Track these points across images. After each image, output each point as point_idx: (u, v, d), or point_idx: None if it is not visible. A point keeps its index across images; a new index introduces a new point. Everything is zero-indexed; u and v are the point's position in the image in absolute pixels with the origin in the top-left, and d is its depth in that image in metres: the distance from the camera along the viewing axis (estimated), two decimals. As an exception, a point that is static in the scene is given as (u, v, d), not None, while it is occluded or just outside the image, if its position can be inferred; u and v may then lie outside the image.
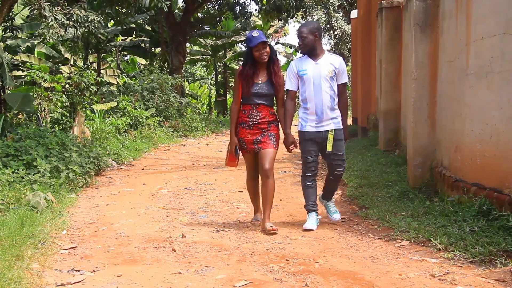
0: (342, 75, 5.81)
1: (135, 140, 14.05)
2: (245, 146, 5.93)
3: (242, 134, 5.90)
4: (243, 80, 5.81)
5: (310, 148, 5.81)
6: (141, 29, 24.47)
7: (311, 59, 5.78)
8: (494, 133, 5.53)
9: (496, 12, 5.56)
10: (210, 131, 19.47)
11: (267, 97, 5.86)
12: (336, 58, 5.86)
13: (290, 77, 5.85)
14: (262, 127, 5.86)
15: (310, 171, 5.87)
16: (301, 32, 5.72)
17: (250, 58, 5.81)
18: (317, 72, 5.72)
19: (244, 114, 5.89)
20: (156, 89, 17.60)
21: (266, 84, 5.83)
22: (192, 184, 8.99)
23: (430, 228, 5.43)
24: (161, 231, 5.96)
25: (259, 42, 5.66)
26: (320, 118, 5.72)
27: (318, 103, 5.71)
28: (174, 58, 21.36)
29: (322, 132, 5.75)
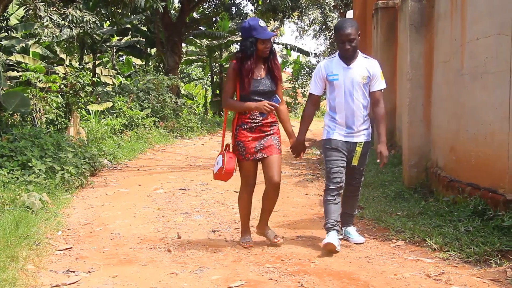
0: (377, 80, 5.07)
1: (131, 140, 14.02)
2: (243, 153, 5.07)
3: (243, 137, 5.08)
4: (241, 76, 5.02)
5: (336, 157, 5.00)
6: (137, 30, 24.44)
7: (342, 62, 5.03)
8: (489, 134, 5.55)
9: (490, 12, 5.57)
10: (206, 131, 19.46)
11: (268, 94, 5.10)
12: (371, 62, 5.11)
13: (317, 79, 5.13)
14: (265, 129, 5.10)
15: (334, 183, 5.00)
16: (349, 34, 4.91)
17: (253, 52, 4.99)
18: (349, 78, 4.97)
19: (245, 115, 5.07)
20: (151, 89, 17.57)
21: (266, 79, 5.10)
22: (188, 184, 8.98)
23: (425, 228, 5.45)
24: (157, 231, 5.96)
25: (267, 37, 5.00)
26: (350, 128, 5.01)
27: (349, 114, 4.99)
28: (169, 58, 21.34)
29: (350, 143, 5.04)
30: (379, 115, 5.09)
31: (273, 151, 5.07)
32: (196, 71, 38.42)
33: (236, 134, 5.11)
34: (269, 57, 5.10)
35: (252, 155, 5.06)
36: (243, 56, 5.01)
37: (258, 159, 5.10)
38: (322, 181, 9.13)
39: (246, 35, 4.99)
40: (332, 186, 5.00)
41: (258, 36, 4.94)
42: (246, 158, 5.07)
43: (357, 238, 5.33)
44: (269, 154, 5.06)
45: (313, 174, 9.91)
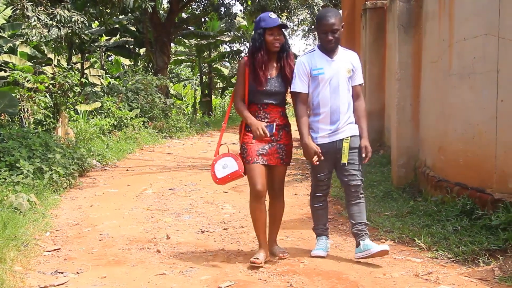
0: (358, 74, 4.79)
1: (120, 141, 13.98)
2: (245, 155, 4.69)
3: (247, 139, 4.71)
4: (254, 71, 4.64)
5: (321, 163, 4.69)
6: (125, 30, 24.35)
7: (325, 55, 4.68)
8: (477, 133, 5.58)
9: (478, 13, 5.61)
10: (195, 131, 19.42)
11: (278, 95, 4.71)
12: (353, 55, 4.83)
13: (301, 76, 4.70)
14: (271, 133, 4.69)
15: (320, 191, 4.88)
16: (333, 24, 4.56)
17: (262, 43, 4.63)
18: (335, 72, 4.64)
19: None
20: (140, 89, 17.52)
21: (277, 79, 4.70)
22: (177, 185, 8.96)
23: (414, 228, 5.47)
24: (146, 232, 5.94)
25: (277, 25, 4.59)
26: (336, 126, 4.66)
27: (334, 109, 4.64)
28: (158, 58, 21.30)
29: (336, 142, 4.68)
30: (360, 109, 4.80)
31: (276, 161, 4.69)
32: (185, 71, 38.37)
33: (240, 136, 4.81)
34: (282, 55, 4.73)
35: (253, 158, 4.63)
36: (254, 50, 4.67)
37: (261, 164, 4.64)
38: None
39: (256, 28, 4.68)
40: (319, 194, 4.89)
41: (264, 26, 4.59)
42: (247, 161, 4.66)
43: (380, 246, 4.66)
44: (270, 163, 4.68)
45: (302, 174, 9.92)
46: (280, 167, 4.75)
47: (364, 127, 4.77)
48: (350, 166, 4.70)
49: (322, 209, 4.94)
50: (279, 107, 4.74)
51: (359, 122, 4.78)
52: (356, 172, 4.73)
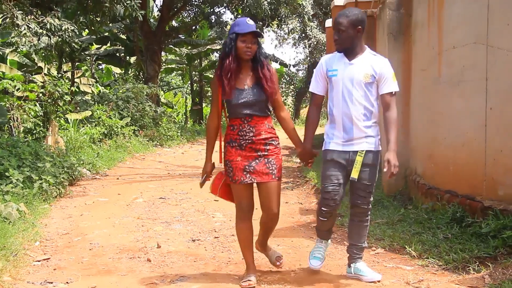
0: (386, 81, 4.28)
1: (110, 149, 13.94)
2: (230, 174, 4.32)
3: (231, 156, 4.33)
4: (223, 80, 4.23)
5: (331, 172, 4.28)
6: (116, 38, 24.35)
7: (345, 58, 4.30)
8: (466, 141, 5.60)
9: (467, 22, 5.64)
10: (186, 140, 19.42)
11: (258, 104, 4.27)
12: (379, 60, 4.33)
13: (317, 77, 4.41)
14: (258, 147, 4.27)
15: (327, 206, 4.33)
16: (339, 23, 4.22)
17: (232, 49, 4.21)
18: (349, 75, 4.24)
19: (233, 130, 4.32)
20: (131, 98, 17.50)
21: (253, 89, 4.27)
22: (168, 193, 8.94)
23: (404, 236, 5.48)
24: (136, 241, 5.92)
25: (250, 32, 4.17)
26: (349, 135, 4.25)
27: (346, 115, 4.25)
28: (149, 67, 21.29)
29: (349, 152, 4.27)
30: (389, 120, 4.30)
31: (265, 178, 4.26)
32: (176, 79, 38.39)
33: (224, 153, 4.40)
34: (256, 66, 4.29)
35: (239, 177, 4.26)
36: (223, 56, 4.28)
37: (247, 183, 4.28)
38: (302, 189, 9.16)
39: (229, 32, 4.28)
40: (325, 209, 4.35)
41: (238, 31, 4.17)
42: (233, 180, 4.30)
43: (371, 275, 4.42)
44: (260, 180, 4.27)
45: (293, 182, 9.92)
46: (271, 182, 4.29)
47: (392, 139, 4.26)
48: (361, 186, 4.31)
49: (328, 220, 4.48)
50: (264, 119, 4.31)
51: (386, 134, 4.30)
52: (366, 194, 4.36)
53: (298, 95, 35.46)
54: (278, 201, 4.36)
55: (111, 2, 10.43)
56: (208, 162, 4.46)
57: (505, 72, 5.09)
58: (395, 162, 4.18)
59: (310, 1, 23.87)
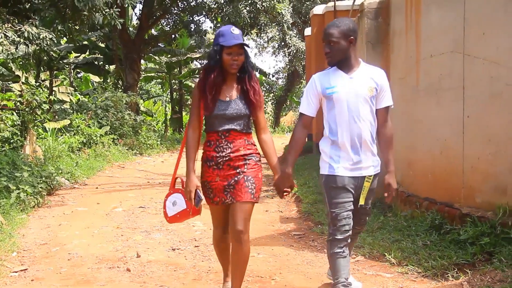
0: (385, 95, 3.96)
1: (89, 158, 13.84)
2: (211, 195, 3.96)
3: (209, 177, 3.95)
4: (206, 93, 3.86)
5: (344, 199, 3.87)
6: (95, 46, 24.22)
7: (342, 72, 3.91)
8: (444, 149, 5.66)
9: (444, 31, 5.71)
10: (166, 148, 19.35)
11: (240, 119, 3.90)
12: (377, 71, 3.99)
13: (309, 97, 3.97)
14: (237, 165, 3.89)
15: (343, 232, 3.87)
16: (330, 34, 3.87)
17: (219, 60, 3.85)
18: (353, 91, 3.84)
19: (209, 147, 3.94)
20: (110, 106, 17.42)
21: (237, 102, 3.91)
22: (147, 202, 8.89)
23: (384, 243, 5.51)
24: (116, 250, 5.87)
25: (237, 44, 3.83)
26: (358, 155, 3.87)
27: (354, 136, 3.85)
28: (128, 75, 21.21)
29: (358, 178, 3.91)
30: (386, 138, 4.01)
31: (244, 197, 3.86)
32: (156, 88, 38.26)
33: (202, 173, 4.00)
34: (243, 77, 3.94)
35: (221, 199, 3.93)
36: (207, 69, 3.92)
37: (227, 203, 3.93)
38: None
39: (214, 43, 3.94)
40: (340, 236, 3.87)
41: (223, 44, 3.81)
42: (214, 202, 3.96)
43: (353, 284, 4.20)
44: (239, 199, 3.86)
45: (273, 190, 9.92)
46: (247, 203, 3.87)
47: (390, 160, 4.01)
48: (364, 210, 4.07)
49: (344, 258, 3.89)
50: (243, 134, 3.92)
51: (384, 153, 4.03)
52: (366, 216, 4.18)
53: (278, 104, 35.55)
54: (248, 220, 3.91)
55: (90, 10, 10.38)
56: (192, 177, 3.90)
57: (481, 81, 5.15)
58: (395, 185, 4.01)
59: (289, 10, 23.97)
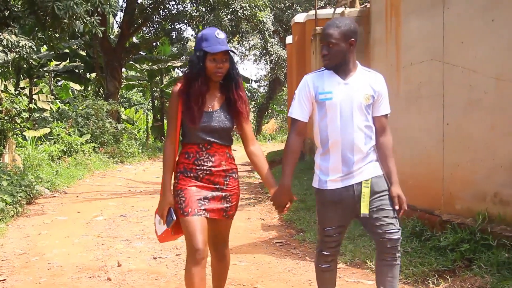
0: (383, 101, 3.63)
1: (69, 167, 13.74)
2: (182, 205, 3.53)
3: (184, 185, 3.57)
4: (190, 103, 3.50)
5: (332, 214, 3.57)
6: (75, 54, 24.11)
7: (337, 76, 3.57)
8: (424, 156, 5.70)
9: (423, 39, 5.78)
10: (147, 156, 19.28)
11: (223, 132, 3.58)
12: (376, 77, 3.67)
13: (302, 100, 3.63)
14: (216, 180, 3.57)
15: (328, 248, 3.66)
16: (329, 35, 3.52)
17: (200, 70, 3.51)
18: (348, 97, 3.52)
19: (188, 159, 3.57)
20: (91, 115, 17.32)
21: (220, 113, 3.58)
22: (129, 211, 8.84)
23: (365, 250, 5.52)
24: (96, 259, 5.83)
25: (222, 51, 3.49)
26: (349, 167, 3.52)
27: (346, 146, 3.51)
28: (109, 83, 21.11)
29: (353, 186, 3.52)
30: (386, 147, 3.65)
31: (219, 214, 3.60)
32: (137, 96, 38.14)
33: (176, 182, 3.62)
34: (229, 85, 3.61)
35: (193, 209, 3.48)
36: (190, 77, 3.54)
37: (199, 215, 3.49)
38: (264, 205, 9.16)
39: (196, 47, 3.57)
40: (326, 252, 3.66)
41: (206, 48, 3.47)
42: (185, 212, 3.49)
43: None
44: (213, 216, 3.56)
45: (255, 198, 9.92)
46: (223, 221, 3.65)
47: (393, 170, 3.64)
48: (382, 213, 3.52)
49: (330, 271, 3.72)
50: (225, 147, 3.61)
51: (385, 164, 3.65)
52: (392, 220, 3.53)
53: (259, 111, 35.61)
54: (227, 240, 3.80)
55: (70, 18, 10.32)
56: (168, 193, 3.59)
57: (460, 88, 5.21)
58: (404, 197, 3.58)
59: (270, 18, 24.07)
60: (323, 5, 22.72)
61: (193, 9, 22.03)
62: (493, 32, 4.96)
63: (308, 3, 24.10)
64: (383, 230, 3.48)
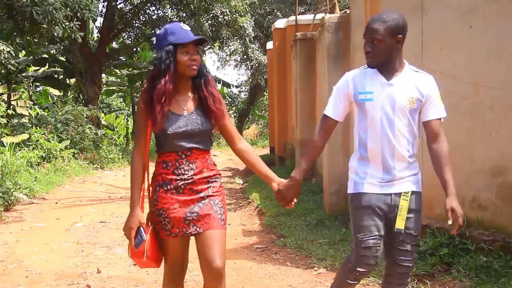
0: (433, 104, 3.27)
1: (48, 173, 13.61)
2: (167, 226, 3.13)
3: (165, 204, 3.14)
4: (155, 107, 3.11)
5: (369, 221, 3.21)
6: (54, 60, 23.91)
7: (381, 76, 3.28)
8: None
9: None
10: (127, 162, 19.14)
11: (201, 135, 3.22)
12: (424, 78, 3.31)
13: (339, 98, 3.41)
14: (199, 188, 3.19)
15: (365, 265, 3.23)
16: (374, 31, 3.21)
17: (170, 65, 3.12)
18: (390, 99, 3.22)
19: (166, 168, 3.18)
20: (70, 120, 17.19)
21: (196, 115, 3.22)
22: (108, 217, 8.78)
23: (346, 255, 5.53)
24: (75, 266, 5.78)
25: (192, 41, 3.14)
26: (390, 175, 3.24)
27: (386, 151, 3.23)
28: (89, 89, 20.97)
29: (391, 195, 3.23)
30: (441, 154, 3.30)
31: (213, 224, 3.16)
32: (117, 101, 37.94)
33: (155, 199, 3.19)
34: (198, 82, 3.25)
35: (181, 229, 3.13)
36: (155, 74, 3.16)
37: (191, 234, 3.17)
38: (244, 210, 9.15)
39: (160, 44, 3.18)
40: (362, 269, 3.24)
41: (176, 41, 3.12)
42: (172, 233, 3.13)
43: None
44: (206, 228, 3.15)
45: (236, 203, 9.91)
46: (219, 230, 3.19)
47: (449, 180, 3.23)
48: (407, 237, 3.23)
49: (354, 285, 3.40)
50: (205, 152, 3.25)
51: (441, 173, 3.27)
52: (412, 248, 3.27)
53: (240, 117, 35.59)
54: (224, 253, 3.22)
55: (49, 23, 10.23)
56: (137, 210, 3.17)
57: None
58: (460, 210, 3.13)
59: (251, 24, 24.11)
60: (304, 10, 22.83)
61: (174, 15, 21.99)
62: (471, 38, 5.02)
63: (288, 9, 24.20)
64: (400, 255, 3.25)
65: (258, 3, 24.79)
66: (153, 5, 21.83)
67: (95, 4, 11.29)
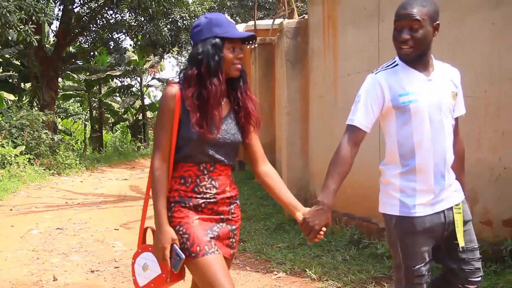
0: (461, 100, 2.94)
1: (3, 179, 13.30)
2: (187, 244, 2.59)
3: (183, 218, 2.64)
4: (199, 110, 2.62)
5: (423, 248, 2.77)
6: (9, 63, 23.47)
7: (417, 72, 2.79)
8: (362, 165, 5.78)
9: (360, 50, 5.90)
10: (85, 168, 18.89)
11: (230, 147, 2.76)
12: (454, 71, 2.92)
13: (369, 104, 2.86)
14: (221, 210, 2.73)
15: None
16: (411, 15, 2.69)
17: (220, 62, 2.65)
18: (435, 98, 2.76)
19: (185, 185, 2.68)
20: (25, 125, 16.86)
21: (230, 121, 2.77)
22: (65, 223, 8.62)
23: (305, 259, 5.57)
24: (31, 274, 5.65)
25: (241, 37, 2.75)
26: (441, 185, 2.77)
27: (440, 159, 2.76)
28: (45, 93, 20.61)
29: (443, 212, 2.77)
30: (461, 157, 3.01)
31: (225, 251, 2.74)
32: (74, 106, 37.42)
33: (171, 215, 2.65)
34: (237, 84, 2.79)
35: (202, 247, 2.58)
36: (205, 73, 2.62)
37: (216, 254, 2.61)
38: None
39: (203, 35, 2.67)
40: None
41: (224, 34, 2.66)
42: (193, 253, 2.58)
43: None
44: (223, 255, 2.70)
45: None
46: (228, 261, 2.81)
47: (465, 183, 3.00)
48: (471, 254, 2.85)
49: None
50: (229, 168, 2.79)
51: (459, 177, 2.95)
52: (479, 263, 2.86)
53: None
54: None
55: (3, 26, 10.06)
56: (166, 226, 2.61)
57: (395, 99, 5.33)
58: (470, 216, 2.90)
59: (210, 29, 24.16)
60: (262, 16, 22.94)
61: (132, 19, 21.83)
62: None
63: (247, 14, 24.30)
64: (467, 276, 2.83)
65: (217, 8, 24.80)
66: (111, 9, 21.59)
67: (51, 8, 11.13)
